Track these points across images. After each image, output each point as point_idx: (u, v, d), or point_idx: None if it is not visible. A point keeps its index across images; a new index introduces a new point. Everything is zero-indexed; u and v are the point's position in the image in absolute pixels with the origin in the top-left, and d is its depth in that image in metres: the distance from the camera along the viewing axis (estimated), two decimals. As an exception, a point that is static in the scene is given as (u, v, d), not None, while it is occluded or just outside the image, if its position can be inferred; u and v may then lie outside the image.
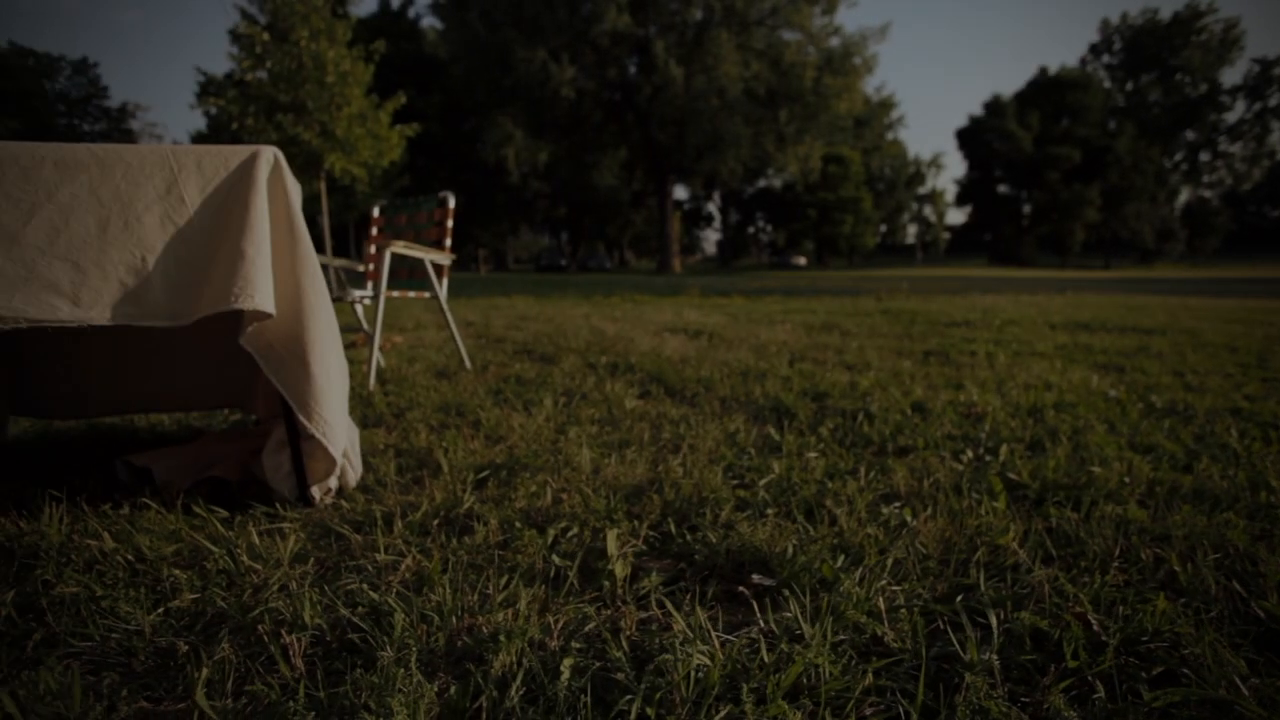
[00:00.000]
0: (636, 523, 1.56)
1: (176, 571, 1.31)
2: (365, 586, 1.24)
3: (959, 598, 1.18)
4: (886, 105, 61.88)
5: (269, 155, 1.56)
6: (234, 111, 12.79)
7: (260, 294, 1.48)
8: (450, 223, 3.64)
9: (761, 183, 60.70)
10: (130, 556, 1.42)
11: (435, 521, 1.58)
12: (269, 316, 1.55)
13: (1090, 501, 1.61)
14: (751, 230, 75.62)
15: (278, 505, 1.70)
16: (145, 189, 1.48)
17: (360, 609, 1.18)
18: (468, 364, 3.89)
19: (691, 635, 1.05)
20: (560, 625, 1.12)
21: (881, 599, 1.19)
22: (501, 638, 1.03)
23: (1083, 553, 1.36)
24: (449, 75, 39.98)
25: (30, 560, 1.40)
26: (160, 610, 1.20)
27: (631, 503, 1.68)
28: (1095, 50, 66.61)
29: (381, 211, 4.00)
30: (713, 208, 72.03)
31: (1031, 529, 1.48)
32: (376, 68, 15.89)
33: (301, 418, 1.61)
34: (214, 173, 1.52)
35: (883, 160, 67.50)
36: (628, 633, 1.09)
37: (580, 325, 6.36)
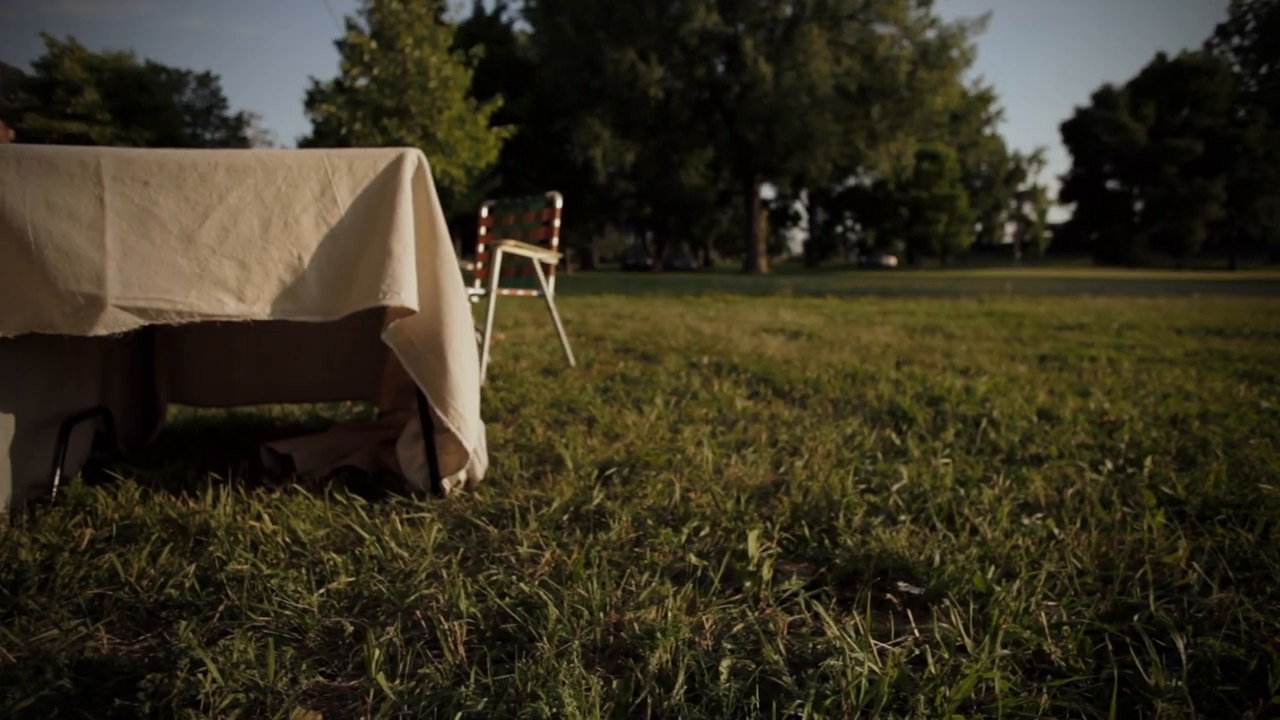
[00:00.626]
0: (768, 524, 1.54)
1: (333, 555, 1.37)
2: (513, 578, 1.27)
3: (1134, 617, 1.11)
4: (985, 99, 59.31)
5: (413, 157, 1.61)
6: (343, 117, 13.46)
7: (406, 291, 1.54)
8: (558, 222, 3.70)
9: (851, 181, 59.27)
10: (287, 539, 1.50)
11: (565, 516, 1.61)
12: (412, 313, 1.61)
13: (1266, 521, 1.49)
14: (839, 229, 74.00)
15: (412, 495, 1.76)
16: (303, 191, 1.56)
17: (507, 599, 1.20)
18: (572, 361, 3.95)
19: (851, 642, 1.02)
20: (710, 625, 1.11)
21: (1043, 614, 1.13)
22: (658, 635, 1.03)
23: (1267, 577, 1.25)
24: (539, 77, 40.78)
25: (203, 537, 1.49)
26: (321, 591, 1.26)
27: (759, 504, 1.66)
28: (1223, 32, 61.82)
29: (490, 211, 4.11)
30: (800, 206, 70.84)
31: (1201, 548, 1.38)
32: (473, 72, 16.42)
33: (438, 411, 1.67)
34: (363, 175, 1.59)
35: (980, 156, 64.79)
36: (781, 636, 1.08)
37: (676, 325, 6.36)
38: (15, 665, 1.05)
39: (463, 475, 1.82)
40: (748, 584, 1.26)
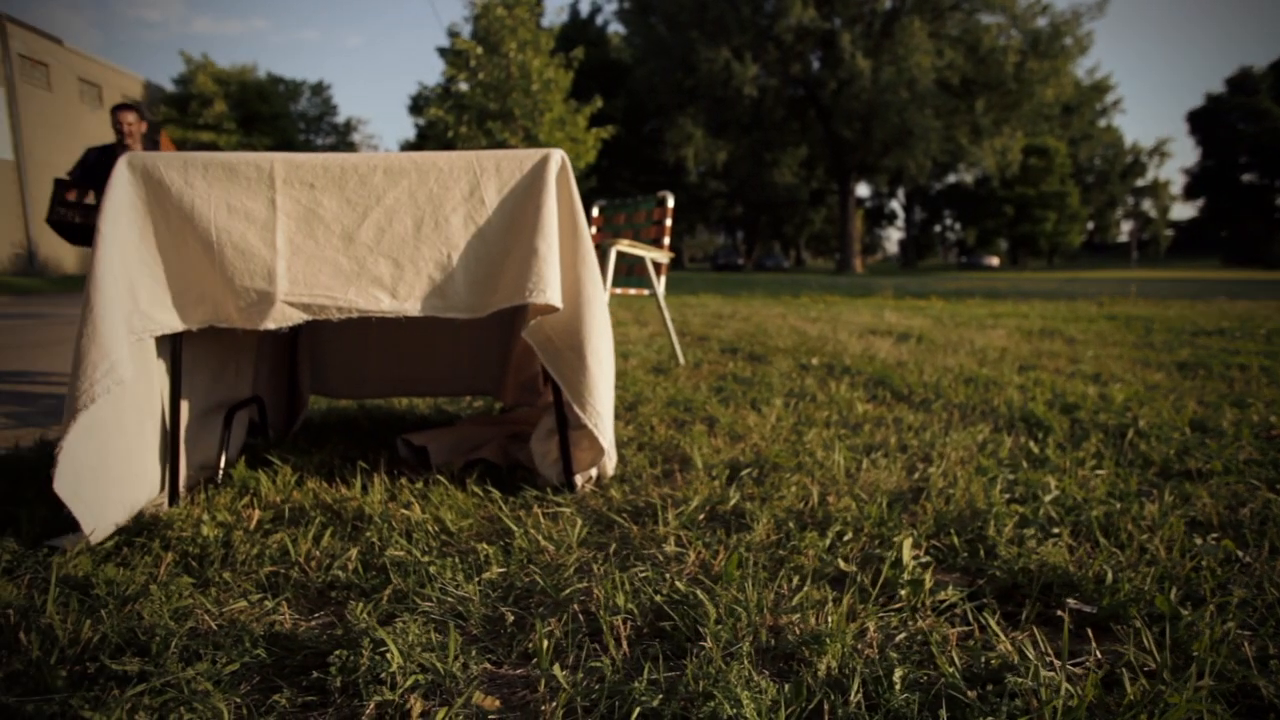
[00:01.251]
0: (913, 532, 1.49)
1: (484, 546, 1.41)
2: (664, 576, 1.27)
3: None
4: (1100, 88, 55.72)
5: (557, 158, 1.64)
6: (450, 120, 13.95)
7: (551, 289, 1.57)
8: (669, 221, 3.71)
9: (951, 178, 56.91)
10: (435, 527, 1.55)
11: (702, 516, 1.60)
12: (556, 310, 1.64)
13: None
14: (938, 228, 71.30)
15: (547, 490, 1.79)
16: (453, 192, 1.61)
17: (659, 597, 1.21)
18: (681, 360, 3.95)
19: (1032, 659, 0.97)
20: (872, 632, 1.08)
21: (1248, 645, 1.04)
22: (826, 640, 1.01)
23: None
24: (632, 78, 41.07)
25: (359, 523, 1.57)
26: (477, 580, 1.29)
27: (900, 510, 1.61)
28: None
29: (600, 211, 4.16)
30: (896, 205, 68.66)
31: None
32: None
33: (576, 408, 1.69)
34: (510, 175, 1.63)
35: (1093, 150, 60.99)
36: (951, 648, 1.04)
37: (779, 325, 6.28)
38: (217, 632, 1.13)
39: (594, 471, 1.85)
40: (903, 592, 1.22)
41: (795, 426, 2.43)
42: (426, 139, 25.80)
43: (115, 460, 1.56)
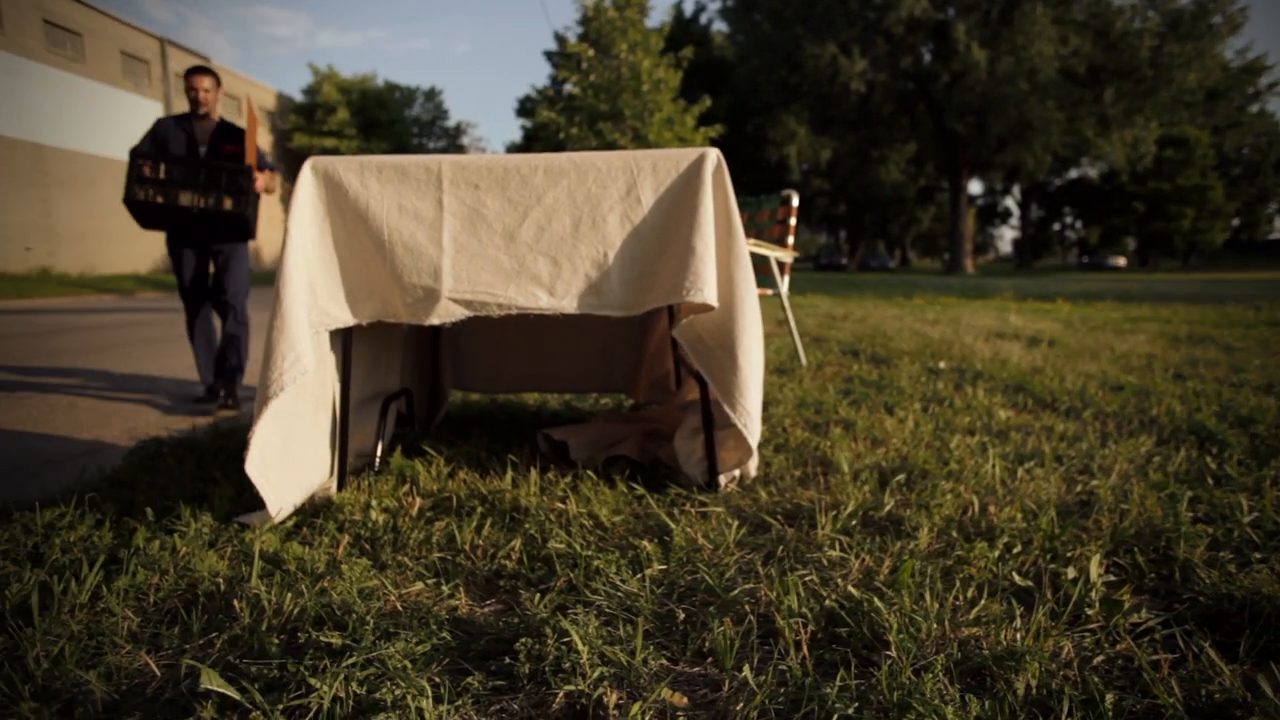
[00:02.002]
0: (1095, 549, 1.40)
1: (643, 542, 1.43)
2: (834, 579, 1.25)
3: None
4: (1252, 70, 50.92)
5: (713, 157, 1.64)
6: (561, 122, 14.25)
7: (709, 288, 1.56)
8: (793, 220, 3.65)
9: (1073, 173, 53.50)
10: (590, 522, 1.58)
11: (855, 522, 1.56)
12: (711, 309, 1.63)
13: None
14: (1056, 227, 67.21)
15: (693, 490, 1.79)
16: (610, 191, 1.63)
17: (829, 602, 1.18)
18: (804, 361, 3.88)
19: (1268, 695, 0.89)
20: (1067, 651, 1.02)
21: None
22: (1024, 658, 0.96)
23: None
24: (735, 76, 40.72)
25: (517, 514, 1.62)
26: (640, 576, 1.30)
27: (1071, 524, 1.52)
28: None
29: (720, 211, 4.13)
30: (1011, 202, 65.18)
31: None
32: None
33: (726, 407, 1.68)
34: (666, 174, 1.64)
35: (1242, 139, 55.86)
36: (1164, 675, 0.96)
37: (897, 327, 6.08)
38: (402, 613, 1.18)
39: (738, 472, 1.83)
40: (1090, 611, 1.15)
41: (936, 432, 2.34)
42: (533, 140, 26.43)
43: (295, 446, 1.67)
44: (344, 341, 1.79)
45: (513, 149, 44.33)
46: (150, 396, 3.87)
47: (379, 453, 2.04)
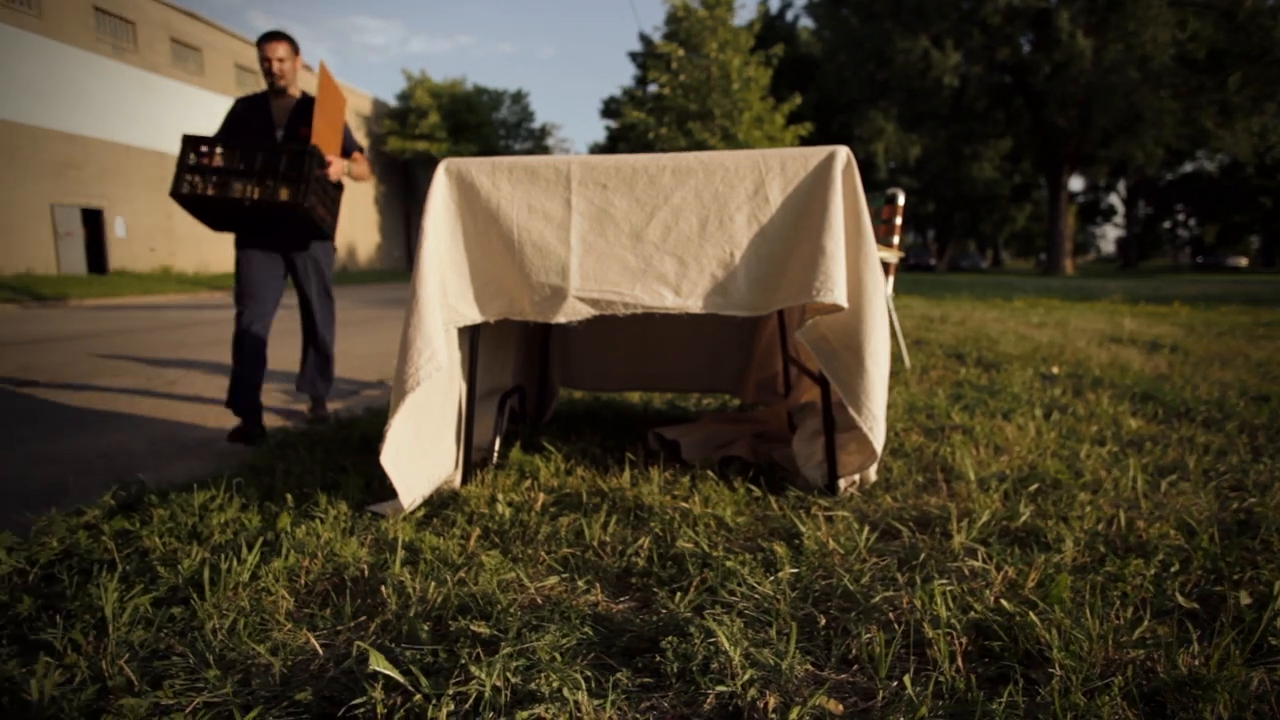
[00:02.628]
0: (1254, 570, 1.30)
1: (774, 545, 1.41)
2: (981, 592, 1.20)
3: None
4: (1395, 56, 46.38)
5: (843, 155, 1.61)
6: (650, 122, 14.32)
7: (839, 288, 1.53)
8: (899, 220, 3.55)
9: (1188, 167, 50.08)
10: (712, 523, 1.58)
11: (989, 531, 1.50)
12: (840, 310, 1.60)
13: None
14: (1167, 225, 63.08)
15: (814, 492, 1.76)
16: (738, 190, 1.62)
17: (972, 613, 1.14)
18: (907, 364, 3.78)
19: None
20: (1258, 684, 0.95)
21: None
22: (1215, 687, 0.90)
23: None
24: (821, 73, 39.95)
25: (640, 513, 1.63)
26: (771, 579, 1.29)
27: (1236, 546, 1.41)
28: None
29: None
30: (1116, 199, 61.57)
31: None
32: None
33: (851, 410, 1.65)
34: (795, 173, 1.61)
35: (1388, 127, 50.90)
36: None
37: (1000, 330, 5.83)
38: (542, 606, 1.21)
39: (858, 476, 1.79)
40: (1275, 641, 1.07)
41: (1062, 441, 2.23)
42: (618, 141, 26.63)
43: (424, 439, 1.73)
44: (471, 339, 1.84)
45: (596, 150, 44.81)
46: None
47: (496, 447, 2.10)
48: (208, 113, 23.26)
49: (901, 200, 3.56)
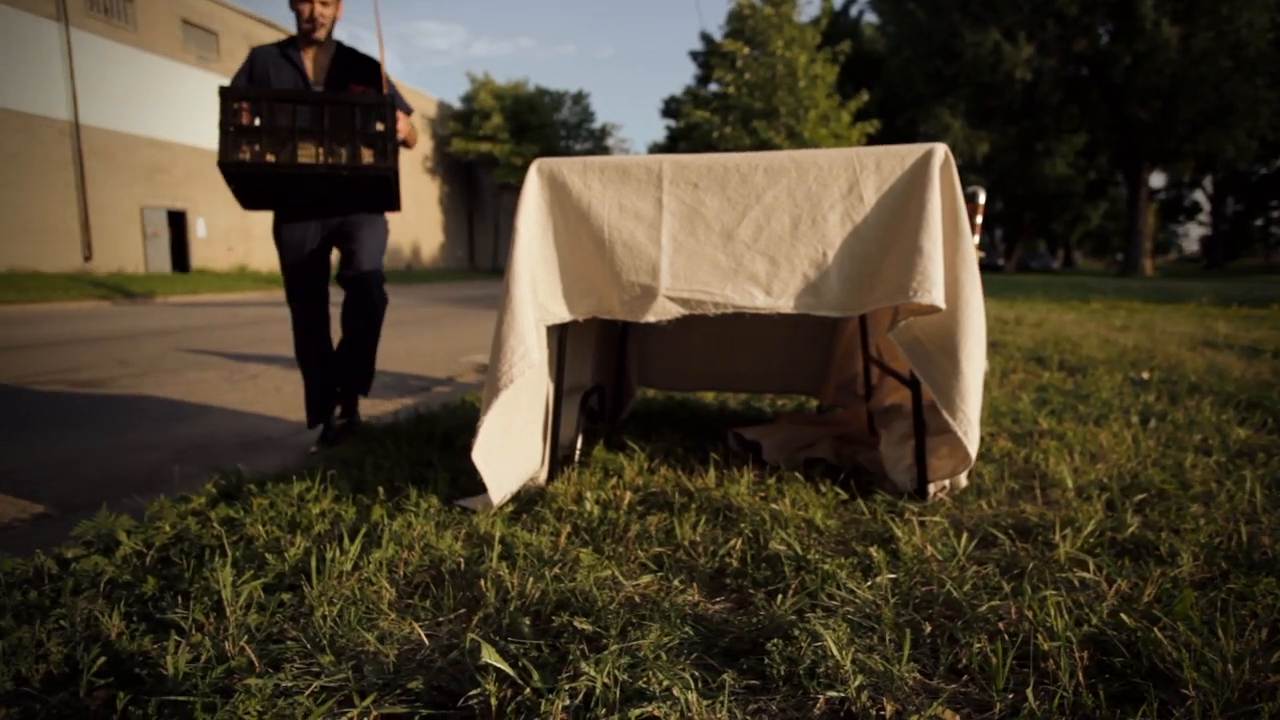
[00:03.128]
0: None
1: (871, 549, 1.39)
2: (1096, 605, 1.16)
3: None
4: None
5: (940, 152, 1.57)
6: (715, 121, 14.25)
7: (937, 289, 1.50)
8: (980, 219, 3.45)
9: (1282, 161, 47.20)
10: (802, 525, 1.56)
11: (1094, 541, 1.44)
12: (936, 310, 1.57)
13: None
14: (1259, 222, 59.65)
15: (904, 496, 1.73)
16: (831, 189, 1.60)
17: (1088, 627, 1.09)
18: (986, 367, 3.67)
19: None
20: None
21: None
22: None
23: None
24: (886, 69, 39.14)
25: (729, 513, 1.62)
26: (869, 584, 1.27)
27: (1369, 563, 1.33)
28: None
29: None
30: (1200, 196, 58.52)
31: None
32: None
33: (945, 414, 1.61)
34: (890, 172, 1.58)
35: None
36: None
37: (1080, 332, 5.62)
38: (640, 604, 1.21)
39: (948, 481, 1.75)
40: None
41: (1163, 449, 2.13)
42: (678, 140, 26.58)
43: (514, 436, 1.76)
44: (559, 337, 1.86)
45: (655, 149, 44.85)
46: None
47: (579, 445, 2.12)
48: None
49: (983, 199, 3.45)
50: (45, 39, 16.72)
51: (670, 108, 34.97)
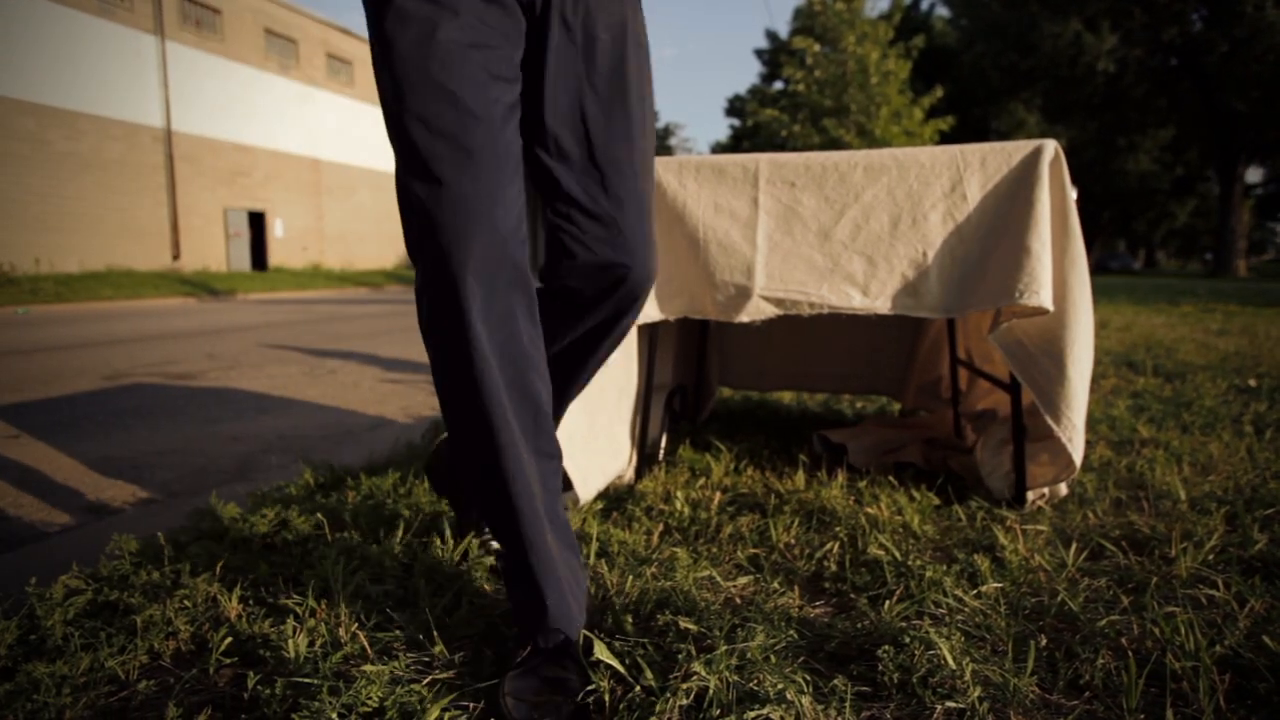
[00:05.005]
0: None
1: (976, 557, 1.35)
2: (1229, 627, 1.10)
3: None
4: None
5: (1051, 149, 1.51)
6: (785, 119, 14.08)
7: (1045, 291, 1.45)
8: (1072, 216, 3.32)
9: (1394, 155, 43.94)
10: (898, 530, 1.52)
11: (1215, 557, 1.37)
12: (1044, 313, 1.51)
13: None
14: (1365, 221, 55.74)
15: (1001, 504, 1.67)
16: (933, 188, 1.56)
17: (1219, 648, 1.04)
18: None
19: None
20: None
21: None
22: None
23: None
24: (958, 64, 38.04)
25: (824, 516, 1.60)
26: (974, 592, 1.23)
27: None
28: None
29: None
30: (1300, 192, 54.98)
31: None
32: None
33: (1049, 420, 1.55)
34: (996, 169, 1.54)
35: None
36: None
37: (1172, 336, 5.35)
38: (741, 605, 1.20)
39: (1047, 490, 1.69)
40: None
41: (1281, 461, 2.01)
42: (742, 140, 26.41)
43: (599, 433, 1.77)
44: (650, 336, 1.86)
45: (719, 149, 44.61)
46: (416, 378, 4.34)
47: (664, 444, 2.12)
48: (357, 121, 25.00)
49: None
50: (144, 51, 17.71)
51: (734, 106, 34.81)
